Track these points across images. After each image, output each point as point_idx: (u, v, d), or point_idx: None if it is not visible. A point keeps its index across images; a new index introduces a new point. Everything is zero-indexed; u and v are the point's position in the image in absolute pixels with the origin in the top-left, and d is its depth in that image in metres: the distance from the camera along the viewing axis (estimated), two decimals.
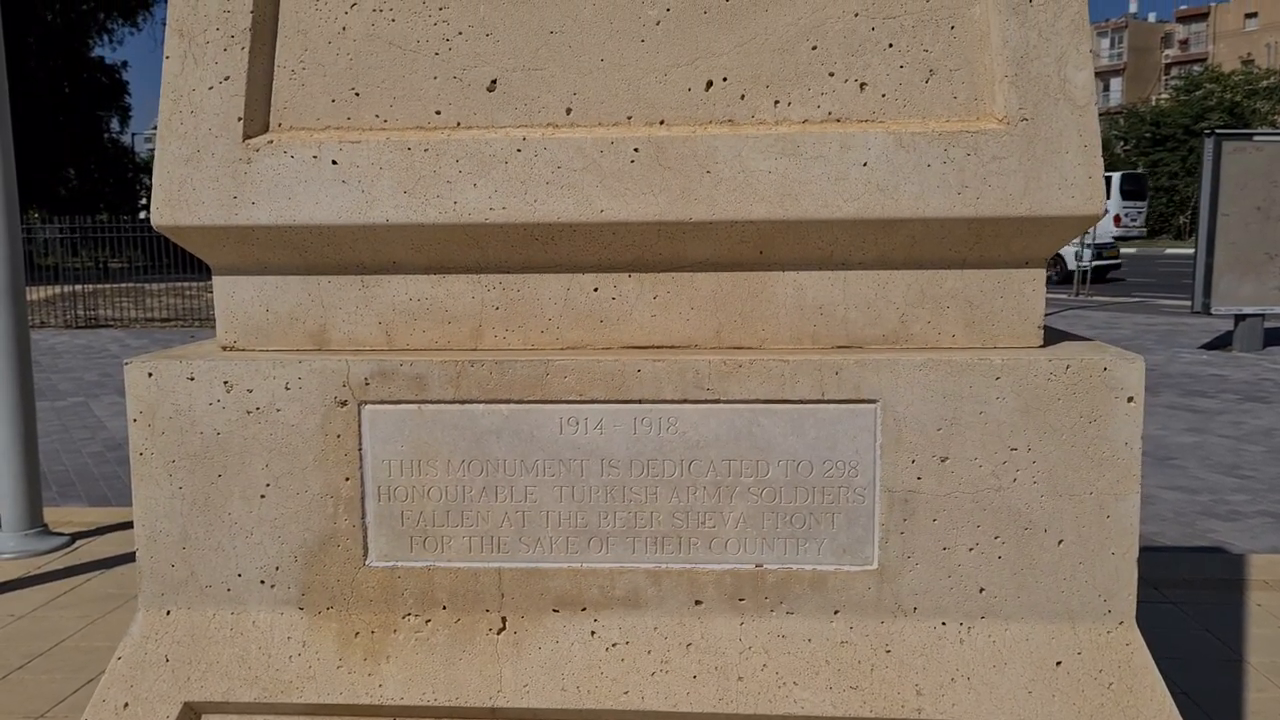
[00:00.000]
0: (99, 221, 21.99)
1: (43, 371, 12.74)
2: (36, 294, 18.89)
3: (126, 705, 2.08)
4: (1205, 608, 3.95)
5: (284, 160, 2.06)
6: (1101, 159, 2.02)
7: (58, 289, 19.46)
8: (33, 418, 5.12)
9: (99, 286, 19.85)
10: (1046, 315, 2.13)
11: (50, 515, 5.31)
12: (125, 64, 39.92)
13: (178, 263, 19.38)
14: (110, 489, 6.80)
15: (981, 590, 2.05)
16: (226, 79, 2.06)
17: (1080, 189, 1.99)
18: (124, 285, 20.01)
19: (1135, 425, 2.00)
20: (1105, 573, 2.03)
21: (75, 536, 5.09)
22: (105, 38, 37.46)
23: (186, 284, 19.20)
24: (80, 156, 35.63)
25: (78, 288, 19.29)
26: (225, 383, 2.08)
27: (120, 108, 37.89)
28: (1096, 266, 22.27)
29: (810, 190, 2.02)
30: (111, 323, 19.01)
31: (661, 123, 2.07)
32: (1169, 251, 39.41)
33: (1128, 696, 1.99)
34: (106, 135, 38.13)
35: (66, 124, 33.77)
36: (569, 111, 2.08)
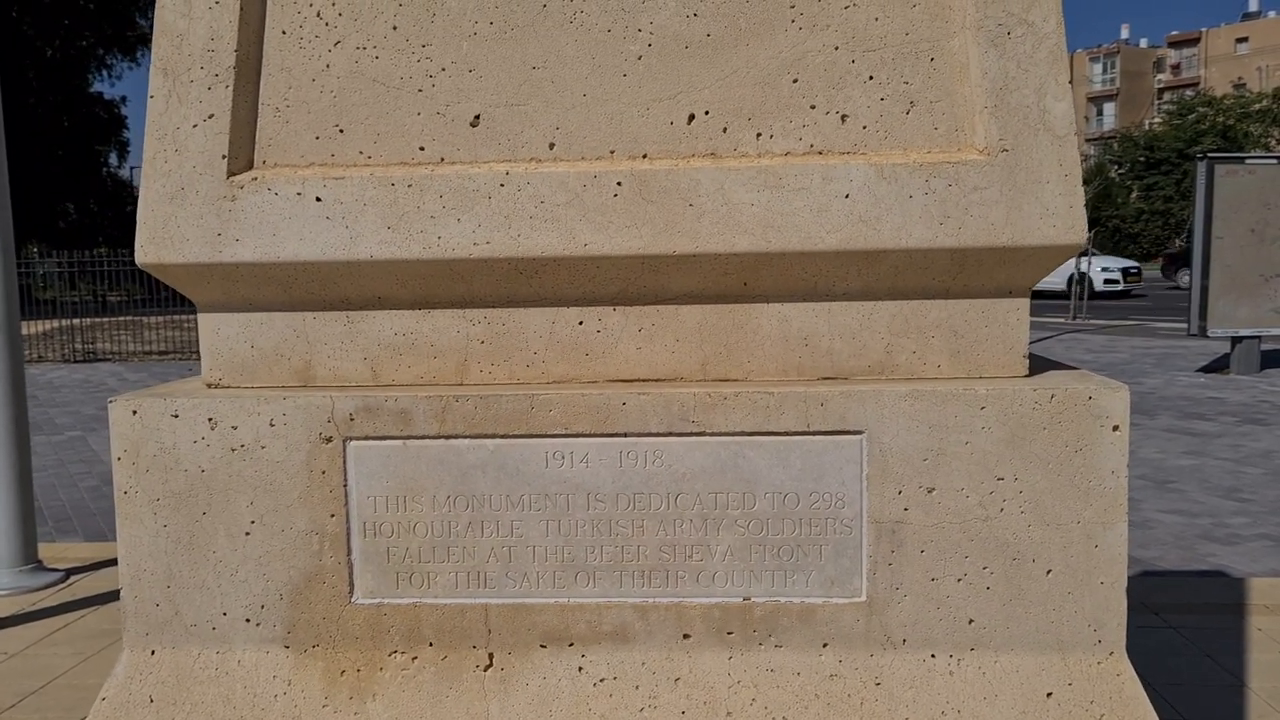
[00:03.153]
0: (97, 255, 22.04)
1: (40, 406, 12.73)
2: (35, 328, 18.92)
3: None
4: (1205, 632, 3.92)
5: (268, 197, 2.07)
6: (1082, 188, 2.03)
7: (56, 323, 19.49)
8: (27, 453, 5.10)
9: (97, 320, 19.89)
10: (1045, 339, 2.13)
11: (45, 551, 5.29)
12: (124, 99, 40.21)
13: (176, 296, 19.40)
14: (106, 524, 6.77)
15: (970, 621, 2.04)
16: (211, 117, 2.07)
17: (1062, 218, 2.00)
18: (122, 319, 20.05)
19: (1121, 454, 1.99)
20: (1094, 602, 2.02)
21: (70, 572, 5.06)
22: (104, 73, 37.83)
23: (185, 317, 19.21)
24: (78, 191, 35.81)
25: (76, 321, 19.32)
26: (210, 420, 2.08)
27: (119, 142, 38.14)
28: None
29: (793, 222, 2.03)
30: (110, 356, 19.02)
31: (644, 156, 2.08)
32: None
33: None
34: (105, 170, 38.35)
35: (65, 158, 33.96)
36: (552, 146, 2.09)
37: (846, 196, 2.02)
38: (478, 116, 2.10)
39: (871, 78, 2.05)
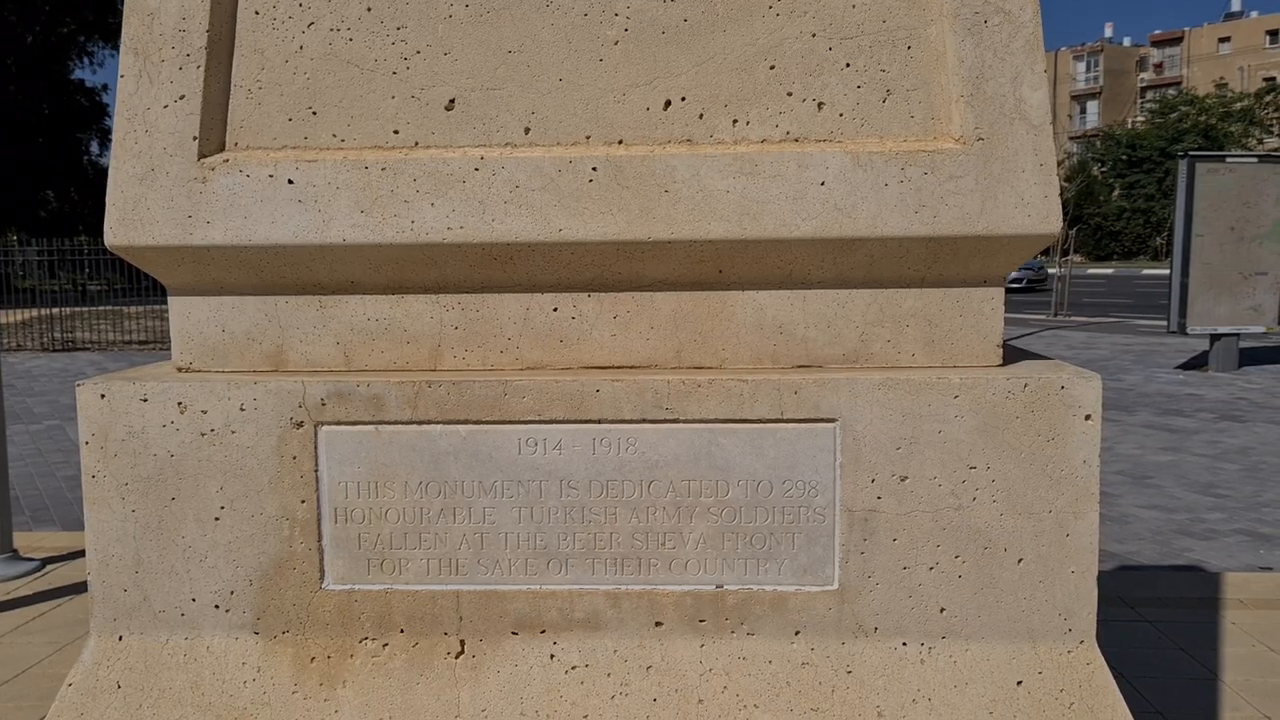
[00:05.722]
0: (77, 244, 21.85)
1: (18, 395, 12.63)
2: (13, 316, 18.76)
3: None
4: (1181, 626, 3.95)
5: (240, 179, 2.05)
6: (1057, 178, 2.03)
7: (35, 312, 19.34)
8: (3, 441, 5.06)
9: (77, 309, 19.73)
10: (1026, 335, 2.13)
11: (21, 540, 5.25)
12: (105, 87, 39.67)
13: (156, 286, 19.26)
14: (84, 514, 6.73)
15: (942, 610, 2.04)
16: (182, 98, 2.04)
17: (1036, 208, 2.00)
18: (102, 308, 19.89)
19: (1093, 443, 2.00)
20: (1065, 591, 2.02)
21: (46, 561, 5.03)
22: (86, 60, 37.51)
23: (165, 307, 19.03)
24: (59, 179, 35.53)
25: (55, 310, 19.17)
26: (179, 404, 2.06)
27: (100, 130, 37.81)
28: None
29: (769, 209, 2.02)
30: (89, 345, 18.88)
31: (620, 142, 2.07)
32: (1146, 272, 39.81)
33: (1089, 716, 1.98)
34: (86, 158, 38.03)
35: (46, 146, 33.66)
36: (527, 131, 2.07)
37: (822, 184, 2.01)
38: (453, 100, 2.08)
39: (848, 65, 2.05)
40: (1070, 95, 77.19)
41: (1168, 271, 13.84)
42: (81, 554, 5.08)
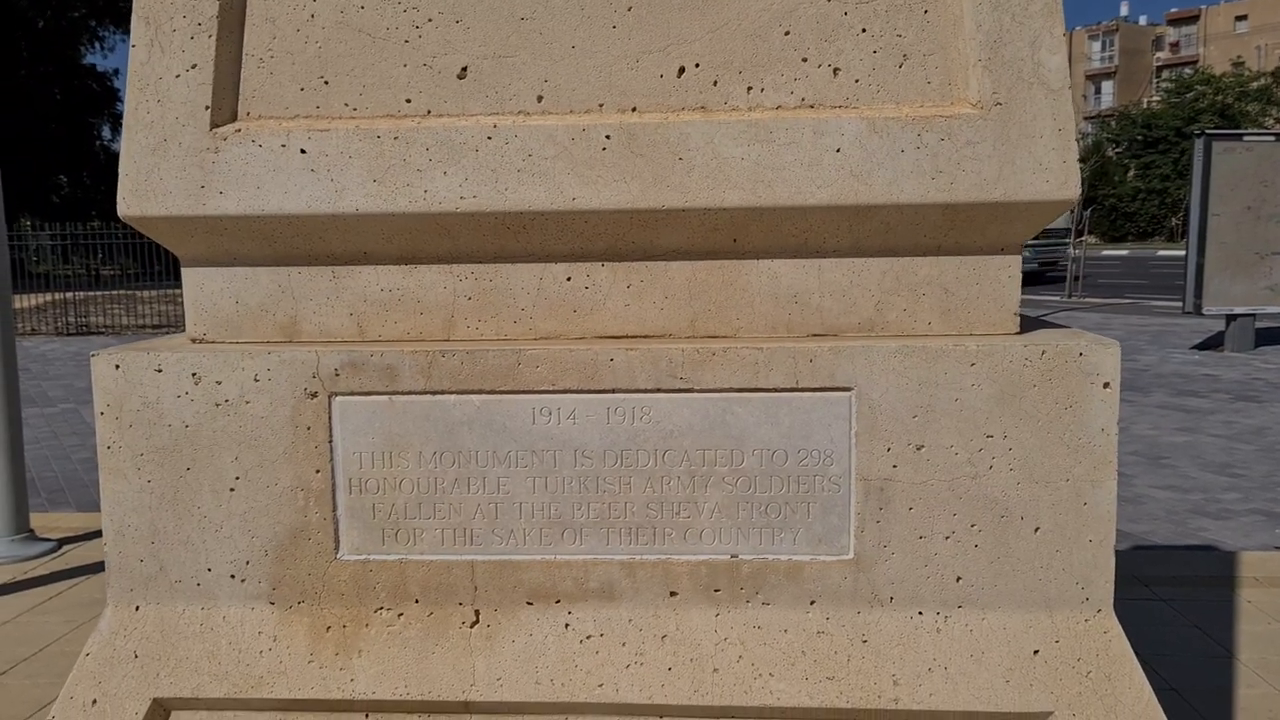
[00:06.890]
0: (91, 228, 21.92)
1: (33, 379, 12.70)
2: (28, 301, 18.85)
3: (95, 702, 2.05)
4: (1196, 605, 3.93)
5: (252, 149, 2.04)
6: (1076, 143, 2.00)
7: (49, 296, 19.44)
8: (18, 424, 5.09)
9: (90, 294, 19.83)
10: (1040, 316, 2.11)
11: (37, 521, 5.29)
12: (116, 71, 39.73)
13: (169, 269, 19.36)
14: (99, 495, 6.77)
15: (958, 579, 2.03)
16: (194, 67, 2.04)
17: (1054, 173, 1.97)
18: (116, 292, 19.97)
19: (1111, 411, 1.98)
20: (1082, 561, 2.01)
21: (62, 542, 5.07)
22: (97, 45, 37.53)
23: (178, 291, 19.11)
24: (72, 164, 35.61)
25: (69, 295, 19.27)
26: (194, 375, 2.06)
27: (112, 115, 37.83)
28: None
29: (783, 177, 2.00)
30: (103, 330, 18.98)
31: (633, 110, 2.05)
32: (1161, 253, 39.54)
33: (1106, 685, 1.97)
34: (98, 142, 38.09)
35: (58, 131, 33.73)
36: (540, 99, 2.06)
37: (838, 151, 1.99)
38: (465, 68, 2.06)
39: (864, 30, 2.02)
40: (1085, 75, 76.56)
41: (1183, 252, 13.74)
42: (96, 535, 5.11)
